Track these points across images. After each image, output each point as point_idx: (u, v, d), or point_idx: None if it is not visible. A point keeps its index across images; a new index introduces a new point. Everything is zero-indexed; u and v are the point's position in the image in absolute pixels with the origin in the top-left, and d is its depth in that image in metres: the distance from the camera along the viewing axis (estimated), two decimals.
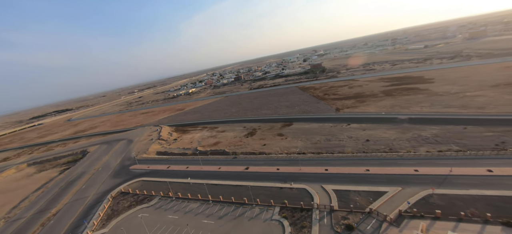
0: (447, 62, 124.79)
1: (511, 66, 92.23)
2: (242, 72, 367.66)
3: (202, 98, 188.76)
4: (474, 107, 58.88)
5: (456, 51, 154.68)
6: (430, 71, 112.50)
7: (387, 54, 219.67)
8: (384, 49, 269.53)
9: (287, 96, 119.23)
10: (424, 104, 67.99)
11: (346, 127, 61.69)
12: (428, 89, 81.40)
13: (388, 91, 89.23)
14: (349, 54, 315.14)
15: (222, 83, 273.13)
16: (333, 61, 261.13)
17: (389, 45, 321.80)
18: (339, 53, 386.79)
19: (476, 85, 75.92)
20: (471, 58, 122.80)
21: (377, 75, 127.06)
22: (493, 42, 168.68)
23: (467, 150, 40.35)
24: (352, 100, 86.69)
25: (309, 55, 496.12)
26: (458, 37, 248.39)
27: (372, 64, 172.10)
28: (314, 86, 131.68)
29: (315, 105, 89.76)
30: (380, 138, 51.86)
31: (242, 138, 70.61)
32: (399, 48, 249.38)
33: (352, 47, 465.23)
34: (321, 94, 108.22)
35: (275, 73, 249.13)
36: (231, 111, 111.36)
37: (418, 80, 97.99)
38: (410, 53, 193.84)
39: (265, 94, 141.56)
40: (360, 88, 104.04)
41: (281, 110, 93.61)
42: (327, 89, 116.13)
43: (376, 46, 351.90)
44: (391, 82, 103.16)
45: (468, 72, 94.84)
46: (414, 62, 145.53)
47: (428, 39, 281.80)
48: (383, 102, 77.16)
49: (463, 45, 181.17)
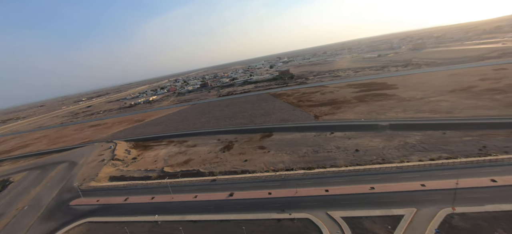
0: (402, 70, 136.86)
1: (456, 73, 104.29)
2: (208, 79, 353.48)
3: (165, 107, 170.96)
4: (443, 112, 61.96)
5: (407, 60, 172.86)
6: (391, 77, 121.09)
7: (349, 62, 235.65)
8: (344, 58, 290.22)
9: (260, 103, 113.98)
10: (397, 109, 69.88)
11: (330, 136, 58.59)
12: (396, 95, 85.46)
13: (360, 97, 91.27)
14: (312, 62, 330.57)
15: (187, 90, 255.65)
16: (299, 68, 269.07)
17: (347, 54, 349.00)
18: (302, 60, 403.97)
19: (435, 91, 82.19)
20: (421, 66, 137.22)
21: (344, 82, 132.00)
22: (432, 52, 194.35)
23: (457, 157, 40.02)
24: (328, 107, 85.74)
25: (274, 62, 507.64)
26: (403, 48, 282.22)
27: (336, 71, 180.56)
28: (286, 93, 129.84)
29: (292, 113, 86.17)
30: (368, 146, 49.60)
31: (218, 153, 61.68)
32: (356, 57, 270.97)
33: (313, 55, 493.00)
34: (295, 101, 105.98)
35: (243, 79, 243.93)
36: (201, 122, 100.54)
37: (383, 86, 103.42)
38: (367, 62, 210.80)
39: (236, 101, 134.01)
40: (332, 95, 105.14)
41: (257, 119, 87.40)
42: (300, 96, 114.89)
43: (335, 54, 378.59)
44: (359, 89, 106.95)
45: (424, 79, 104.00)
46: (374, 70, 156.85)
47: (379, 49, 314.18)
48: (359, 108, 77.60)
49: (409, 55, 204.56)
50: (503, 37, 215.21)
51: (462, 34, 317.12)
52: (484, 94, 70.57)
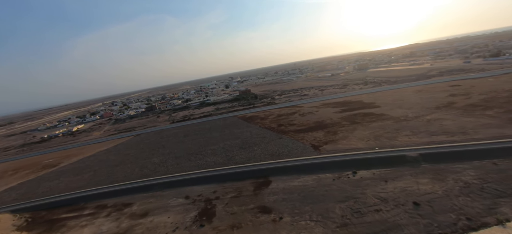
0: (365, 88, 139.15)
1: (421, 90, 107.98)
2: (155, 101, 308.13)
3: (96, 140, 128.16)
4: (457, 133, 54.32)
5: (362, 78, 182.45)
6: (361, 95, 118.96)
7: (306, 81, 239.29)
8: (299, 77, 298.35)
9: (232, 130, 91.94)
10: (404, 132, 60.19)
11: (356, 178, 42.13)
12: (386, 114, 78.21)
13: (348, 118, 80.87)
14: (268, 81, 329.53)
15: (128, 116, 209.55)
16: (258, 87, 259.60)
17: (299, 74, 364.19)
18: (257, 80, 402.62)
19: (421, 108, 78.33)
20: (381, 84, 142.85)
21: (317, 101, 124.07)
22: (377, 72, 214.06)
23: None
24: (320, 132, 71.20)
25: (228, 81, 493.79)
26: (347, 68, 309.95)
27: (300, 90, 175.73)
28: (258, 116, 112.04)
29: (279, 143, 67.75)
30: (425, 195, 34.78)
31: (191, 230, 36.52)
32: (311, 76, 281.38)
33: (265, 75, 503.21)
34: (274, 125, 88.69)
35: (199, 101, 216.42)
36: (152, 163, 70.89)
37: (363, 105, 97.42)
38: (324, 80, 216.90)
39: (198, 129, 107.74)
40: (314, 116, 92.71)
41: (236, 154, 65.00)
42: (277, 119, 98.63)
43: (289, 74, 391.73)
44: (339, 108, 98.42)
45: (396, 96, 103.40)
46: (337, 88, 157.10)
47: (328, 69, 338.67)
48: (358, 132, 65.47)
49: (360, 74, 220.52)
50: (423, 59, 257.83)
51: (387, 58, 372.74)
52: (472, 110, 68.62)
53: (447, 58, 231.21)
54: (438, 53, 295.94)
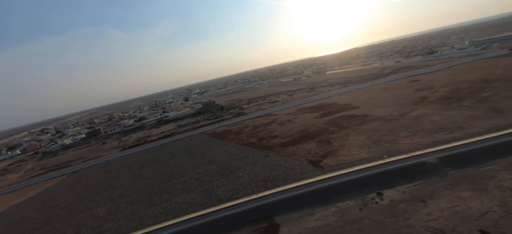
0: (333, 89, 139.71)
1: (387, 87, 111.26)
2: (100, 123, 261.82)
3: (9, 187, 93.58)
4: (457, 130, 51.69)
5: (325, 81, 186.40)
6: (333, 97, 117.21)
7: (270, 87, 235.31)
8: (262, 84, 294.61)
9: (203, 152, 75.88)
10: (402, 133, 55.53)
11: (387, 203, 33.04)
12: (371, 115, 74.45)
13: (333, 123, 74.52)
14: (230, 90, 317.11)
15: (61, 146, 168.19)
16: (221, 98, 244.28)
17: (260, 81, 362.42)
18: (217, 90, 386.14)
19: (400, 105, 77.29)
20: (347, 84, 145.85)
21: (290, 106, 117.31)
22: (336, 74, 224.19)
23: None
24: (311, 143, 62.10)
25: (186, 94, 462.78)
26: (305, 72, 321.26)
27: (268, 97, 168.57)
28: (231, 129, 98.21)
29: (268, 162, 55.79)
30: (483, 215, 27.49)
31: None
32: (273, 82, 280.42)
33: (225, 85, 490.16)
34: (254, 139, 76.45)
35: (155, 118, 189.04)
36: (95, 217, 49.88)
37: (342, 107, 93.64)
38: (289, 85, 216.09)
39: (158, 155, 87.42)
40: (295, 124, 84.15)
41: (217, 186, 50.08)
42: (254, 131, 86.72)
43: (250, 81, 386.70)
44: (318, 112, 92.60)
45: (368, 95, 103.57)
46: (305, 92, 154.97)
47: (287, 74, 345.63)
48: (354, 139, 58.60)
49: (320, 77, 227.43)
50: (370, 60, 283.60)
51: (338, 61, 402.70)
52: (448, 103, 69.51)
53: (390, 58, 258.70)
54: (380, 54, 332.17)
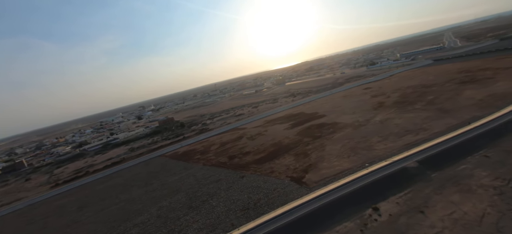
0: (295, 100, 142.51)
1: (345, 95, 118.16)
2: (23, 154, 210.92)
3: None
4: (422, 132, 54.82)
5: (285, 92, 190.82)
6: (298, 107, 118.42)
7: (233, 100, 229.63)
8: (223, 97, 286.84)
9: (163, 179, 63.91)
10: (373, 138, 56.29)
11: (387, 220, 29.97)
12: (338, 122, 75.43)
13: (305, 133, 72.73)
14: (190, 105, 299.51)
15: None
16: (180, 114, 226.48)
17: (220, 94, 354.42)
18: (175, 105, 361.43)
19: (362, 111, 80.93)
20: (308, 94, 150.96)
21: (257, 119, 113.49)
22: (295, 84, 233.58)
23: None
24: (287, 157, 58.01)
25: (139, 112, 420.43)
26: (265, 84, 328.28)
27: (233, 110, 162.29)
28: (195, 149, 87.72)
29: (245, 185, 48.96)
30: (481, 219, 26.54)
31: None
32: (235, 95, 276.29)
33: (184, 99, 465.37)
34: (224, 158, 68.49)
35: (101, 142, 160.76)
36: None
37: (309, 116, 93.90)
38: (252, 97, 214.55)
39: (105, 188, 70.63)
40: (266, 137, 79.73)
41: (187, 224, 40.28)
42: (222, 149, 78.64)
43: (210, 95, 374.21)
44: (288, 123, 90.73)
45: (332, 103, 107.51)
46: (270, 103, 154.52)
47: (248, 87, 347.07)
48: (330, 148, 56.86)
49: (280, 88, 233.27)
50: (322, 72, 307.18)
51: (294, 73, 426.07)
52: (403, 106, 75.49)
53: (340, 69, 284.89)
54: (330, 66, 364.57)
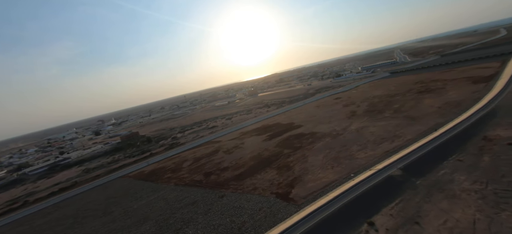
0: (270, 110, 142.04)
1: (318, 105, 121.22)
2: None
3: None
4: (396, 137, 56.85)
5: (259, 102, 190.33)
6: (274, 117, 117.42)
7: (204, 112, 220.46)
8: (194, 109, 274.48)
9: (127, 206, 54.41)
10: (353, 147, 56.54)
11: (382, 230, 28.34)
12: (315, 132, 75.38)
13: (284, 145, 70.53)
14: (157, 118, 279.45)
15: None
16: (146, 128, 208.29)
17: (191, 106, 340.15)
18: (140, 119, 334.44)
19: (337, 120, 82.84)
20: (282, 105, 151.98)
21: (232, 131, 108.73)
22: (267, 95, 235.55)
23: None
24: (270, 171, 54.53)
25: (97, 126, 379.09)
26: (237, 95, 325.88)
27: (205, 122, 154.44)
28: (166, 166, 78.68)
29: (226, 206, 43.68)
30: (477, 226, 26.26)
31: None
32: (207, 107, 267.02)
33: (150, 112, 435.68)
34: (200, 176, 61.82)
35: (47, 164, 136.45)
36: None
37: (286, 127, 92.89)
38: (225, 108, 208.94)
39: (48, 222, 57.21)
40: (244, 150, 75.40)
41: None
42: (197, 165, 71.62)
43: (179, 107, 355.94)
44: (265, 134, 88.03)
45: (307, 113, 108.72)
46: (244, 114, 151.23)
47: (220, 98, 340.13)
48: (313, 159, 55.23)
49: (254, 99, 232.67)
50: (293, 83, 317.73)
51: (265, 85, 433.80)
52: (374, 115, 79.16)
53: (309, 81, 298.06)
54: (299, 78, 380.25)
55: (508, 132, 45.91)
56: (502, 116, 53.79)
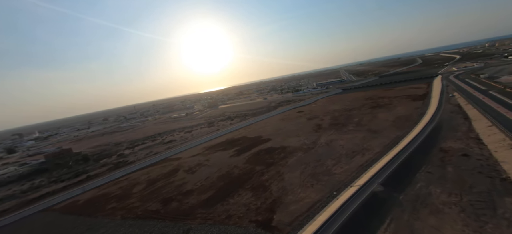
0: (234, 123, 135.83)
1: (283, 118, 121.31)
2: None
3: None
4: (366, 150, 57.95)
5: (221, 114, 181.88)
6: (238, 130, 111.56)
7: (159, 124, 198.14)
8: (146, 121, 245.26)
9: None
10: (328, 162, 55.17)
11: None
12: (286, 146, 72.66)
13: (255, 161, 65.11)
14: (99, 131, 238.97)
15: None
16: (82, 143, 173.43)
17: (142, 117, 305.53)
18: (76, 131, 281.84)
19: (305, 134, 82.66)
20: (246, 117, 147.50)
21: (194, 146, 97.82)
22: (228, 108, 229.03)
23: None
24: (244, 194, 47.88)
25: (10, 142, 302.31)
26: (195, 106, 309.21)
27: (160, 136, 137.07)
28: (107, 193, 62.81)
29: None
30: None
31: None
32: (162, 118, 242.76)
33: (89, 124, 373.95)
34: (155, 204, 50.28)
35: None
36: None
37: (255, 141, 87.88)
38: (183, 120, 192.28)
39: None
40: (210, 169, 66.58)
41: None
42: (150, 189, 59.08)
43: (128, 119, 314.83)
44: (232, 149, 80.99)
45: (271, 126, 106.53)
46: (205, 127, 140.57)
47: (177, 109, 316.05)
48: (289, 176, 51.29)
49: (215, 111, 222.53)
50: (253, 96, 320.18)
51: (225, 97, 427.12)
52: (339, 128, 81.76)
53: (269, 94, 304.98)
54: (259, 91, 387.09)
55: (457, 143, 51.30)
56: (447, 129, 60.95)
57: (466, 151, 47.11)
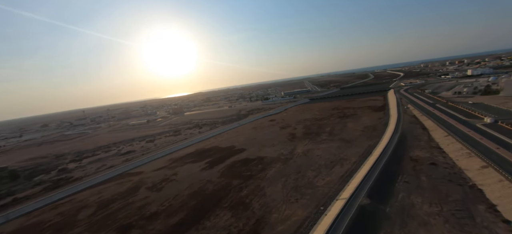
0: (203, 132, 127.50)
1: (256, 127, 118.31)
2: None
3: None
4: (343, 160, 57.94)
5: (188, 122, 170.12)
6: (208, 140, 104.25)
7: (113, 132, 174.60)
8: (98, 128, 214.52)
9: None
10: (309, 173, 53.24)
11: None
12: (262, 157, 69.09)
13: (231, 175, 59.69)
14: (34, 141, 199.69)
15: None
16: (11, 156, 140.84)
17: (93, 124, 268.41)
18: (4, 140, 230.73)
19: (280, 143, 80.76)
20: (216, 126, 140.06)
21: (158, 157, 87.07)
22: (195, 115, 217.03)
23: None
24: (223, 214, 42.03)
25: None
26: (158, 113, 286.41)
27: (115, 146, 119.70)
28: (41, 223, 49.29)
29: None
30: None
31: None
32: (117, 126, 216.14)
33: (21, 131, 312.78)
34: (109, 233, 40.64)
35: None
36: None
37: (226, 151, 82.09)
38: (143, 128, 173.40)
39: None
40: (178, 184, 58.52)
41: None
42: (102, 214, 48.33)
43: (74, 125, 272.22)
44: (203, 161, 73.77)
45: (244, 135, 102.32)
46: (171, 136, 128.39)
47: (136, 115, 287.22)
48: (271, 191, 47.51)
49: (180, 118, 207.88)
50: (222, 103, 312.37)
51: (190, 103, 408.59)
52: (313, 137, 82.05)
53: (237, 102, 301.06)
54: (227, 98, 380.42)
55: (423, 152, 54.95)
56: (411, 139, 65.62)
57: (432, 159, 50.40)
